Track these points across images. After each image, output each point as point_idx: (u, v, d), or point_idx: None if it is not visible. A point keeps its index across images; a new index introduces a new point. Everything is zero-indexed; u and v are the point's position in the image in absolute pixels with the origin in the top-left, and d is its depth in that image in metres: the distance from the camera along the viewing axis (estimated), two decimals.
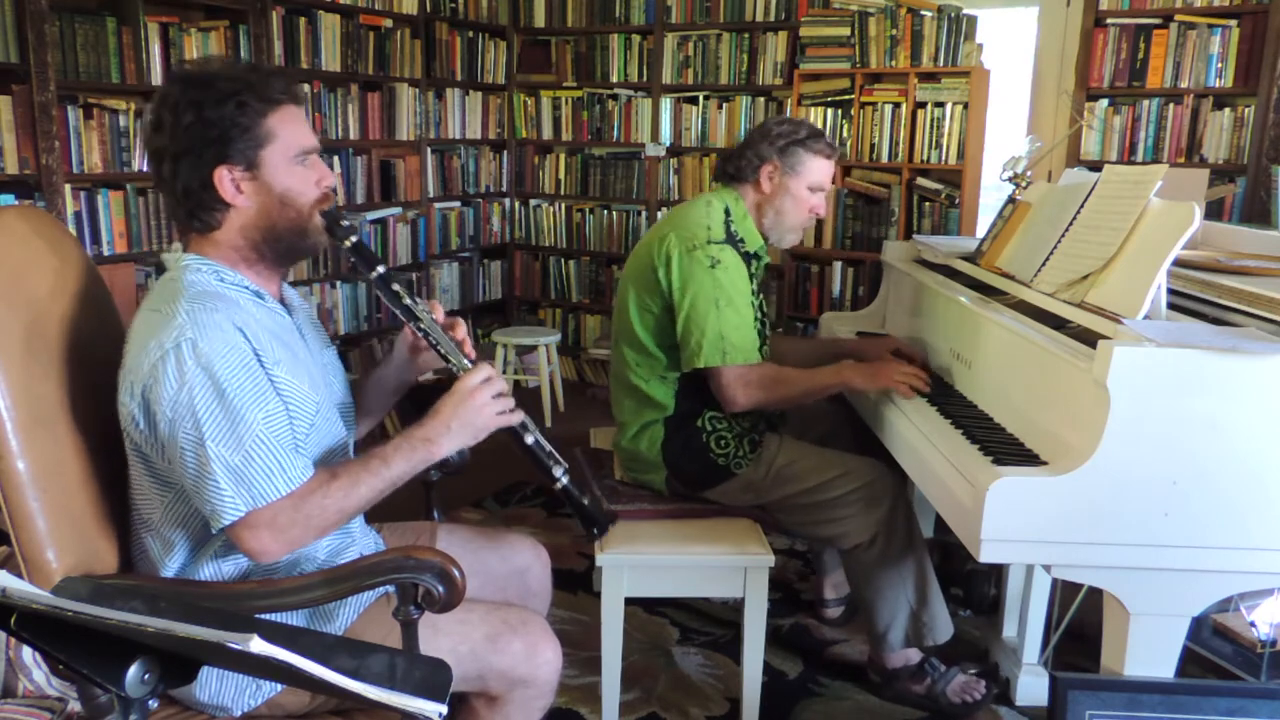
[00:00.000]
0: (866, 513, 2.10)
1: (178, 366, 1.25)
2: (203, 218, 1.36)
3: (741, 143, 2.26)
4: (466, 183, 4.82)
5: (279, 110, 1.36)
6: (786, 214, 2.22)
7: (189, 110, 1.32)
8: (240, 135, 1.33)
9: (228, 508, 1.26)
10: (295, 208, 1.38)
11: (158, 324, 1.28)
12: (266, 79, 1.36)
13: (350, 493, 1.33)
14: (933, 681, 2.20)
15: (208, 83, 1.33)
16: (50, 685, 1.64)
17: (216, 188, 1.34)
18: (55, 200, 2.92)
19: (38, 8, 2.79)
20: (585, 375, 5.03)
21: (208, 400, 1.26)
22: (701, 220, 2.14)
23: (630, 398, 2.20)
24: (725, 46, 4.45)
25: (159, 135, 1.34)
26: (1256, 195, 3.47)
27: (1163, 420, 1.47)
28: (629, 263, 2.24)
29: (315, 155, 1.41)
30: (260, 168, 1.35)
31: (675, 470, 2.17)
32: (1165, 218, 1.70)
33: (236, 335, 1.30)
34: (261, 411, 1.29)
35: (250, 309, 1.37)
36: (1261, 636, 2.12)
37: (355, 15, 4.01)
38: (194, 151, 1.32)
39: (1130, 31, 3.68)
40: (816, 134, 2.21)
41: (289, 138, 1.37)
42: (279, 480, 1.28)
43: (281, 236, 1.39)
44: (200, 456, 1.26)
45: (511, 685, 1.41)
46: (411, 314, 1.48)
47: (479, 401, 1.42)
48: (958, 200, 3.91)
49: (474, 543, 1.71)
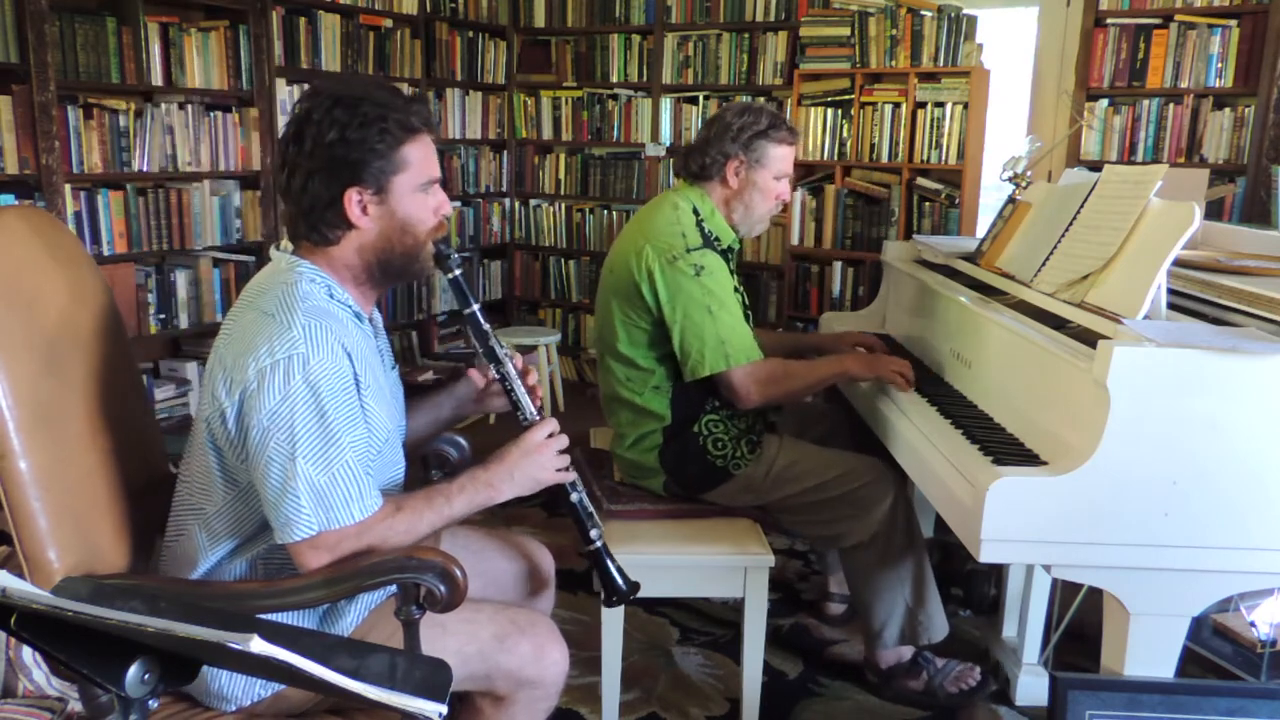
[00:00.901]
0: (867, 512, 2.10)
1: (285, 379, 1.26)
2: (323, 232, 1.37)
3: (701, 139, 2.22)
4: (466, 183, 4.83)
5: (416, 139, 1.38)
6: (755, 206, 2.20)
7: (332, 129, 1.32)
8: (376, 160, 1.34)
9: (302, 524, 1.27)
10: (414, 235, 1.40)
11: (270, 329, 1.28)
12: (408, 106, 1.38)
13: (412, 527, 1.36)
14: (929, 676, 2.21)
15: (354, 104, 1.33)
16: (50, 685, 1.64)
17: (344, 207, 1.35)
18: (55, 200, 2.92)
19: (38, 8, 2.79)
20: (585, 375, 5.04)
21: (308, 418, 1.26)
22: (674, 227, 2.11)
23: (625, 410, 2.19)
24: (725, 46, 4.45)
25: (297, 149, 1.34)
26: (1256, 195, 3.47)
27: (1163, 420, 1.47)
28: (605, 278, 2.21)
29: (436, 184, 1.43)
30: (388, 193, 1.36)
31: (674, 475, 2.17)
32: (1165, 218, 1.70)
33: (344, 358, 1.31)
34: (351, 437, 1.30)
35: (351, 329, 1.37)
36: (1261, 636, 2.13)
37: (355, 15, 4.01)
38: (329, 170, 1.33)
39: (1130, 31, 3.68)
40: (777, 122, 2.19)
41: (420, 167, 1.38)
42: (355, 507, 1.30)
43: (395, 261, 1.41)
44: (288, 471, 1.26)
45: (518, 686, 1.41)
46: (495, 356, 1.52)
47: (544, 457, 1.47)
48: (958, 200, 3.91)
49: (477, 543, 1.71)
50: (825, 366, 2.19)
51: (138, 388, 1.61)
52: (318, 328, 1.29)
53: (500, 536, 1.77)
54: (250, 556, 1.39)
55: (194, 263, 3.44)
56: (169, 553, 1.42)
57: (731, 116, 2.18)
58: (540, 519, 3.27)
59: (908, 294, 2.67)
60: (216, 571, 1.39)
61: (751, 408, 2.10)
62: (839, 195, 4.16)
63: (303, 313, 1.30)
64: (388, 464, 1.45)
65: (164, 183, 3.34)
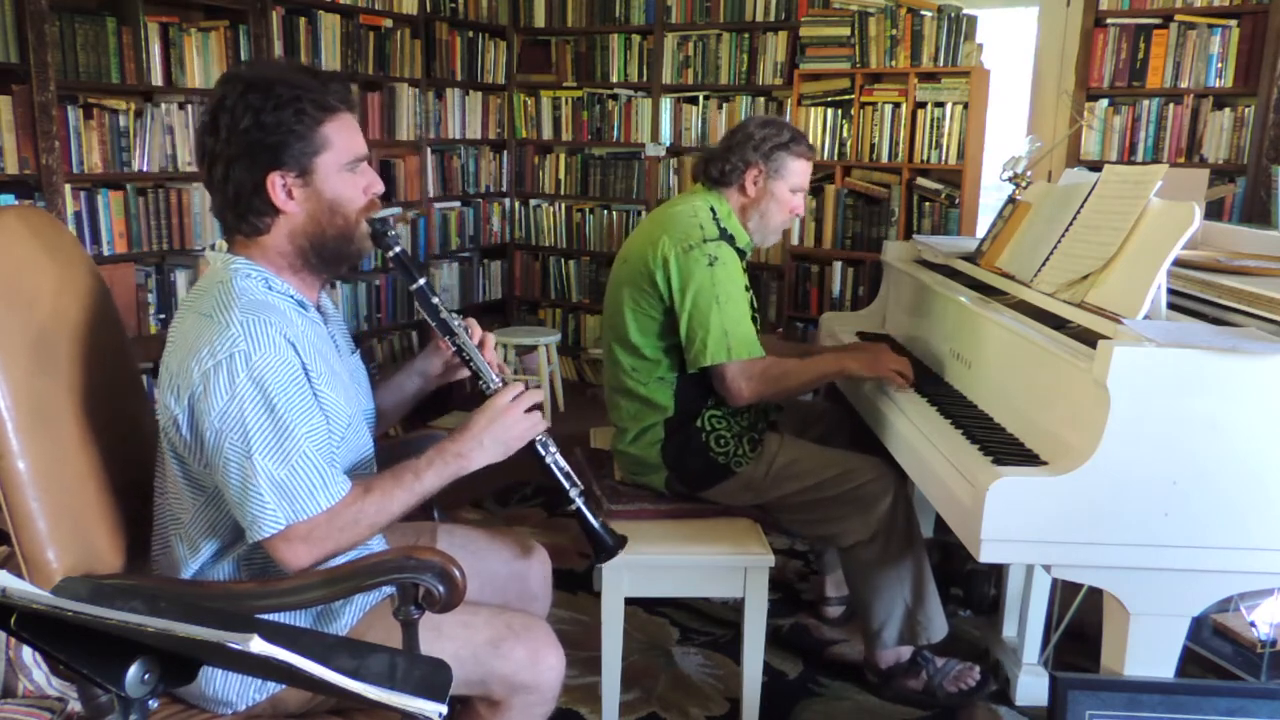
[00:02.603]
0: (866, 511, 2.10)
1: (229, 378, 1.25)
2: (252, 221, 1.36)
3: (723, 146, 2.26)
4: (466, 183, 4.82)
5: (336, 118, 1.36)
6: (770, 216, 2.24)
7: (246, 114, 1.31)
8: (296, 142, 1.32)
9: (268, 520, 1.27)
10: (344, 215, 1.38)
11: (210, 331, 1.27)
12: (325, 85, 1.36)
13: (383, 507, 1.35)
14: (929, 676, 2.21)
15: (267, 87, 1.32)
16: (50, 685, 1.64)
17: (268, 193, 1.33)
18: (55, 200, 2.92)
19: (38, 8, 2.79)
20: (585, 375, 5.03)
21: (258, 414, 1.26)
22: (693, 220, 2.15)
23: (628, 401, 2.19)
24: (725, 46, 4.45)
25: (213, 138, 1.33)
26: (1256, 195, 3.47)
27: (1163, 420, 1.47)
28: (618, 268, 2.24)
29: (365, 162, 1.41)
30: (313, 174, 1.35)
31: (676, 470, 2.17)
32: (1165, 218, 1.70)
33: (288, 349, 1.30)
34: (307, 426, 1.29)
35: (295, 319, 1.36)
36: (1261, 636, 2.13)
37: (355, 15, 4.01)
38: (248, 156, 1.32)
39: (1130, 31, 3.68)
40: (798, 136, 2.24)
41: (343, 145, 1.37)
42: (320, 495, 1.29)
43: (329, 243, 1.39)
44: (246, 469, 1.26)
45: (514, 690, 1.41)
46: (448, 328, 1.50)
47: (511, 418, 1.44)
48: (958, 200, 3.91)
49: (475, 543, 1.71)
50: (823, 364, 2.20)
51: (137, 388, 1.61)
52: (255, 322, 1.28)
53: (498, 536, 1.77)
54: (233, 559, 1.38)
55: (194, 263, 3.44)
56: (157, 565, 1.42)
57: (754, 127, 2.22)
58: (540, 519, 3.27)
59: (908, 294, 2.67)
60: (202, 577, 1.38)
61: (743, 404, 2.11)
62: (839, 195, 4.16)
63: (239, 309, 1.29)
64: (353, 448, 1.44)
65: (164, 183, 3.34)
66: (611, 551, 1.65)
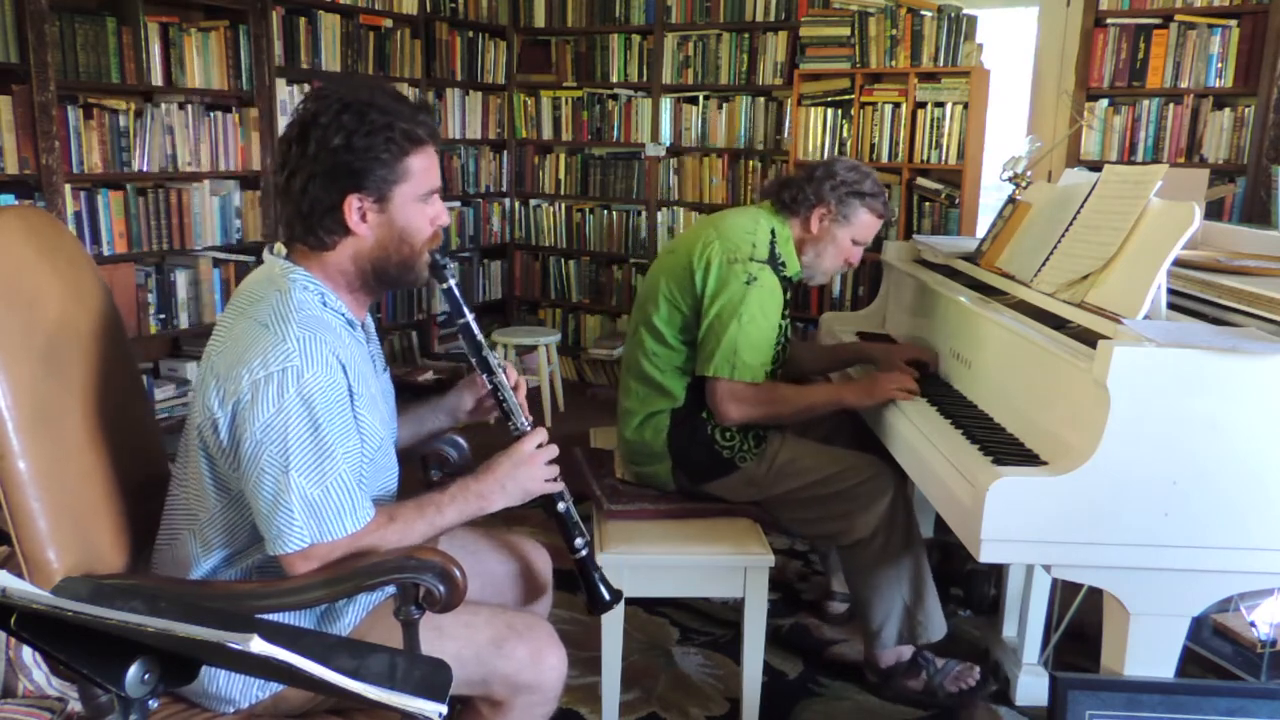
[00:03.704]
0: (867, 510, 2.10)
1: (279, 392, 1.25)
2: (320, 236, 1.36)
3: (802, 175, 2.25)
4: (466, 183, 4.82)
5: (421, 150, 1.37)
6: (825, 258, 2.24)
7: (339, 134, 1.31)
8: (380, 169, 1.33)
9: (294, 536, 1.27)
10: (411, 245, 1.39)
11: (264, 340, 1.27)
12: (415, 115, 1.37)
13: (403, 537, 1.36)
14: (929, 676, 2.21)
15: (363, 111, 1.32)
16: (50, 685, 1.64)
17: (344, 213, 1.34)
18: (55, 200, 2.92)
19: (38, 8, 2.79)
20: (585, 375, 5.03)
21: (301, 431, 1.26)
22: (748, 236, 2.14)
23: (642, 384, 2.20)
24: (725, 46, 4.45)
25: (300, 150, 1.33)
26: (1256, 195, 3.47)
27: (1163, 420, 1.47)
28: (664, 256, 2.26)
29: (436, 194, 1.42)
30: (389, 202, 1.36)
31: (680, 460, 2.18)
32: (1165, 218, 1.70)
33: (338, 370, 1.30)
34: (344, 449, 1.30)
35: (345, 338, 1.37)
36: (1261, 636, 2.13)
37: (355, 15, 4.01)
38: (332, 174, 1.32)
39: (1130, 31, 3.68)
40: (877, 191, 2.23)
41: (422, 177, 1.38)
42: (348, 519, 1.30)
43: (391, 270, 1.40)
44: (280, 483, 1.26)
45: (515, 690, 1.41)
46: (488, 366, 1.52)
47: (534, 468, 1.47)
48: (958, 200, 3.91)
49: (475, 543, 1.71)
50: (818, 395, 2.20)
51: (137, 387, 1.61)
52: (312, 340, 1.28)
53: (498, 537, 1.77)
54: (244, 567, 1.38)
55: (194, 263, 3.44)
56: (160, 556, 1.42)
57: (840, 168, 2.22)
58: (540, 519, 3.27)
59: (908, 294, 2.67)
60: (214, 576, 1.39)
61: (727, 425, 2.12)
62: None
63: (297, 324, 1.29)
64: (380, 470, 1.45)
65: (164, 183, 3.34)
66: (608, 606, 1.66)
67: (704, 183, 4.61)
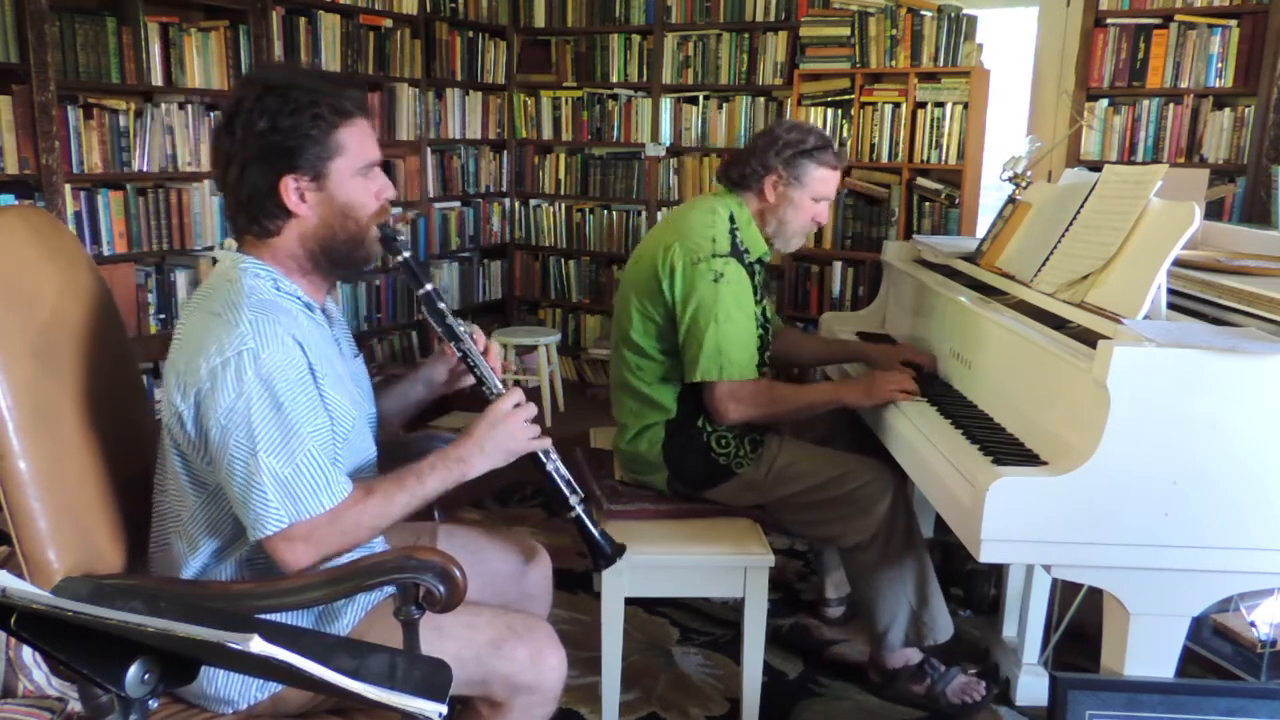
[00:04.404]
0: (866, 512, 2.10)
1: (237, 376, 1.25)
2: (264, 223, 1.36)
3: (747, 148, 2.23)
4: (466, 183, 4.82)
5: (351, 123, 1.37)
6: (788, 223, 2.21)
7: (263, 117, 1.32)
8: (311, 146, 1.33)
9: (271, 519, 1.27)
10: (355, 220, 1.39)
11: (218, 329, 1.28)
12: (341, 91, 1.37)
13: (385, 509, 1.35)
14: (932, 682, 2.20)
15: (284, 91, 1.33)
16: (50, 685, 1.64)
17: (281, 196, 1.34)
18: (55, 200, 2.92)
19: (38, 8, 2.79)
20: (585, 375, 5.03)
21: (264, 412, 1.26)
22: (707, 231, 2.12)
23: (631, 399, 2.19)
24: (725, 46, 4.45)
25: (230, 139, 1.34)
26: (1256, 195, 3.47)
27: (1163, 420, 1.47)
28: (630, 267, 2.23)
29: (377, 167, 1.42)
30: (326, 179, 1.36)
31: (676, 470, 2.17)
32: (1165, 218, 1.70)
33: (296, 349, 1.30)
34: (312, 426, 1.30)
35: (302, 320, 1.37)
36: (1261, 636, 2.13)
37: (355, 15, 4.01)
38: (264, 159, 1.32)
39: (1130, 31, 3.68)
40: (824, 144, 2.19)
41: (357, 151, 1.38)
42: (323, 495, 1.30)
43: (339, 247, 1.40)
44: (250, 467, 1.26)
45: (515, 691, 1.41)
46: (454, 334, 1.51)
47: (512, 426, 1.45)
48: (958, 200, 3.91)
49: (475, 543, 1.71)
50: (817, 393, 2.19)
51: (137, 387, 1.61)
52: (265, 321, 1.29)
53: (498, 536, 1.77)
54: (234, 560, 1.38)
55: (194, 263, 3.43)
56: (154, 562, 1.42)
57: (781, 131, 2.19)
58: (540, 519, 3.27)
59: (908, 294, 2.67)
60: (203, 577, 1.38)
61: (728, 424, 2.11)
62: (839, 195, 4.15)
63: (248, 308, 1.29)
64: (356, 451, 1.44)
65: (164, 183, 3.34)
66: (610, 559, 1.65)
67: (704, 183, 4.61)
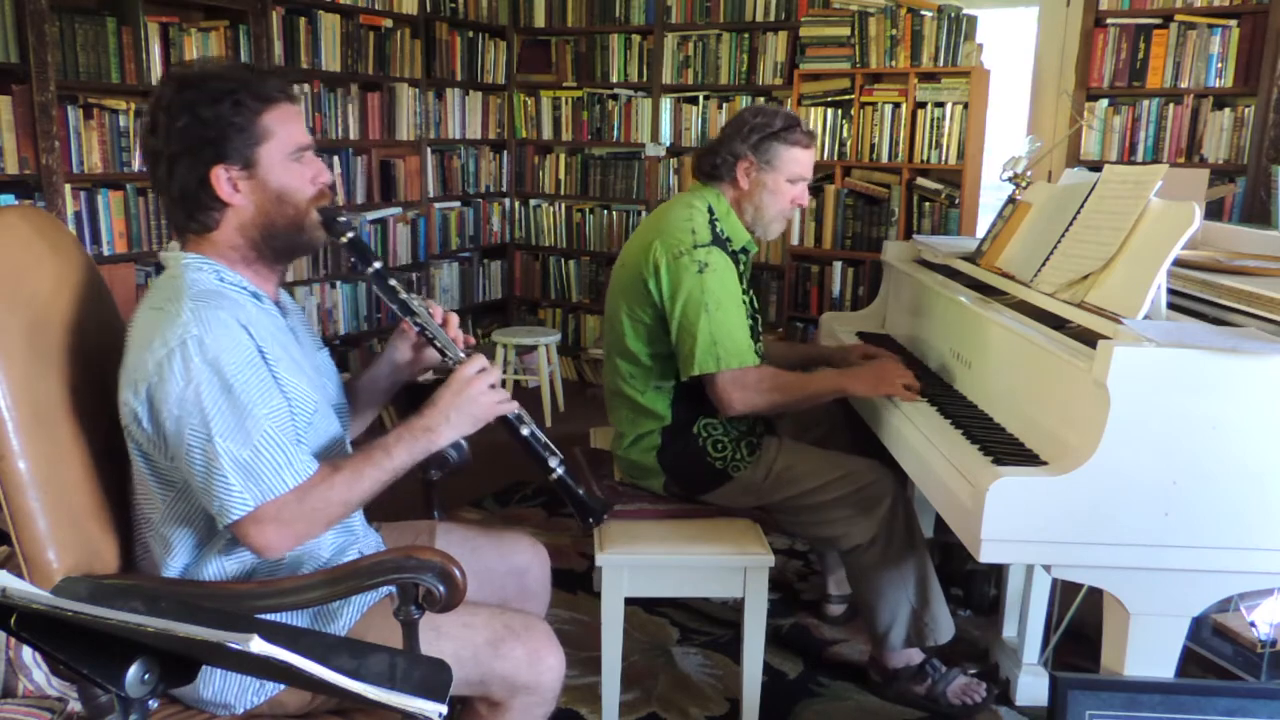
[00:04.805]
0: (866, 514, 2.09)
1: (184, 364, 1.25)
2: (200, 218, 1.36)
3: (717, 139, 2.21)
4: (466, 183, 4.83)
5: (274, 108, 1.36)
6: (766, 209, 2.18)
7: (183, 112, 1.31)
8: (236, 134, 1.33)
9: (236, 503, 1.27)
10: (293, 204, 1.38)
11: (161, 322, 1.28)
12: (261, 77, 1.36)
13: (354, 484, 1.34)
14: (933, 683, 2.20)
15: (201, 83, 1.33)
16: (50, 685, 1.64)
17: (214, 187, 1.33)
18: (55, 200, 2.92)
19: (38, 8, 2.79)
20: (585, 375, 5.03)
21: (215, 397, 1.26)
22: (685, 224, 2.09)
23: (626, 407, 2.18)
24: (725, 46, 4.45)
25: (154, 138, 1.34)
26: (1256, 195, 3.47)
27: (1163, 420, 1.47)
28: (616, 273, 2.21)
29: (310, 152, 1.41)
30: (257, 166, 1.35)
31: (674, 475, 2.17)
32: (1165, 218, 1.70)
33: (241, 332, 1.30)
34: (267, 407, 1.29)
35: (248, 307, 1.36)
36: (1261, 636, 2.12)
37: (355, 15, 4.01)
38: (190, 152, 1.32)
39: (1130, 31, 3.68)
40: (791, 124, 2.15)
41: (285, 135, 1.37)
42: (286, 474, 1.29)
43: (279, 234, 1.39)
44: (208, 453, 1.26)
45: (513, 691, 1.41)
46: (408, 308, 1.50)
47: (476, 391, 1.44)
48: (958, 200, 3.91)
49: (473, 541, 1.71)
50: (822, 381, 2.15)
51: None
52: (206, 308, 1.28)
53: (496, 534, 1.77)
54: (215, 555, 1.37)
55: None
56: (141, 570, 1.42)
57: (748, 116, 2.17)
58: (540, 519, 3.27)
59: (908, 294, 2.67)
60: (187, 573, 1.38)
61: (734, 415, 2.08)
62: (839, 195, 4.16)
63: (189, 298, 1.29)
64: (322, 434, 1.43)
65: None
66: (599, 514, 1.64)
67: None
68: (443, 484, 1.84)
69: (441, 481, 1.83)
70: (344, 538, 1.48)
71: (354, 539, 1.50)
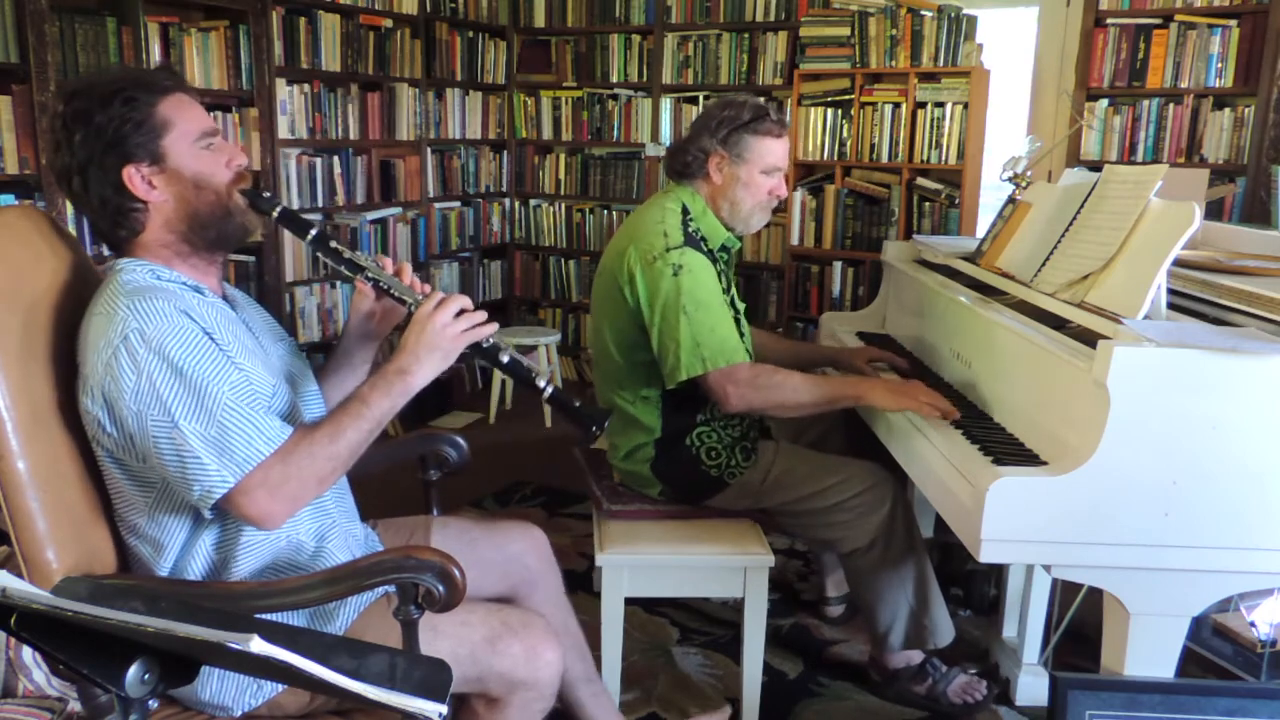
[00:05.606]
0: (865, 517, 2.09)
1: (130, 357, 1.25)
2: (126, 224, 1.36)
3: (685, 136, 2.16)
4: (466, 183, 4.82)
5: (168, 98, 1.36)
6: (742, 203, 2.13)
7: (78, 122, 1.31)
8: (135, 130, 1.32)
9: (216, 482, 1.26)
10: (212, 190, 1.38)
11: (103, 325, 1.28)
12: (150, 72, 1.38)
13: (335, 438, 1.33)
14: (934, 682, 2.20)
15: (89, 89, 1.33)
16: (50, 685, 1.64)
17: (129, 189, 1.33)
18: (55, 200, 2.92)
19: (38, 8, 2.79)
20: (585, 375, 5.03)
21: (168, 382, 1.26)
22: (657, 227, 2.05)
23: (617, 418, 2.15)
24: (725, 46, 4.45)
25: (59, 155, 1.34)
26: (1256, 195, 3.47)
27: (1163, 420, 1.47)
28: (597, 283, 2.17)
29: (219, 138, 1.41)
30: (166, 159, 1.35)
31: (670, 483, 2.15)
32: (1165, 218, 1.70)
33: (182, 317, 1.30)
34: (225, 383, 1.29)
35: (189, 299, 1.36)
36: (1261, 636, 2.12)
37: (355, 15, 4.01)
38: (96, 160, 1.32)
39: (1130, 31, 3.68)
40: (760, 114, 2.09)
41: (186, 124, 1.36)
42: (259, 442, 1.28)
43: (206, 222, 1.39)
44: (175, 440, 1.25)
45: (511, 688, 1.41)
46: (356, 265, 1.47)
47: (440, 323, 1.41)
48: (958, 200, 3.91)
49: (469, 534, 1.71)
50: (836, 386, 2.04)
51: None
52: (142, 300, 1.28)
53: (490, 524, 1.77)
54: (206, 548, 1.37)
55: None
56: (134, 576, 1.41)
57: (715, 110, 2.13)
58: (541, 519, 3.27)
59: (908, 294, 2.67)
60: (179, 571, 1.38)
61: (732, 412, 2.04)
62: (839, 195, 4.16)
63: (124, 295, 1.29)
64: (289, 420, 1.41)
65: None
66: (600, 422, 1.58)
67: None
68: (442, 484, 1.84)
69: (441, 481, 1.83)
70: (320, 520, 1.47)
71: (331, 521, 1.49)
